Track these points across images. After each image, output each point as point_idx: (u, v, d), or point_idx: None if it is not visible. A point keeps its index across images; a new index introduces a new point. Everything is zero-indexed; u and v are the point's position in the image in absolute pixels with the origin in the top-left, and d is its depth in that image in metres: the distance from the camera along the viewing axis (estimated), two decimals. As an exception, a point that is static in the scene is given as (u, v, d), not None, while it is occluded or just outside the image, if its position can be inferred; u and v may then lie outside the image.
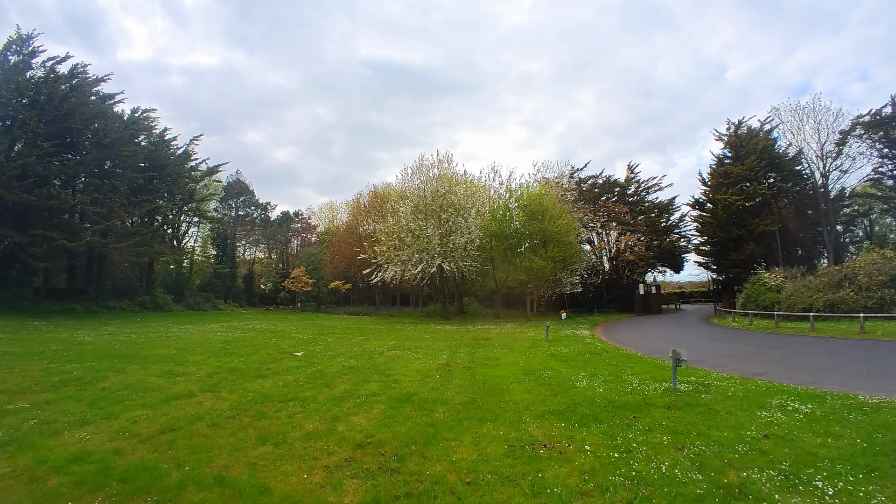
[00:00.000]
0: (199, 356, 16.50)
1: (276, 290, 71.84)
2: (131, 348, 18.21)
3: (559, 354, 17.93)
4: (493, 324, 36.68)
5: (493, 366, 15.02)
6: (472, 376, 13.08)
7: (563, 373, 13.75)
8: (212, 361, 15.33)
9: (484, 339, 24.19)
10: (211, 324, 33.18)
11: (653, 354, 18.28)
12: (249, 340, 21.95)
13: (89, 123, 37.01)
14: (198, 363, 14.96)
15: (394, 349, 19.25)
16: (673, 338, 26.93)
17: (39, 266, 34.05)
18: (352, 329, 31.26)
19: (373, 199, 61.26)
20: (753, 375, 13.21)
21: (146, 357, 15.98)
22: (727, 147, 50.26)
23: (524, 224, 38.37)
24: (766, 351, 19.54)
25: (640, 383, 12.01)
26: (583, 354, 18.01)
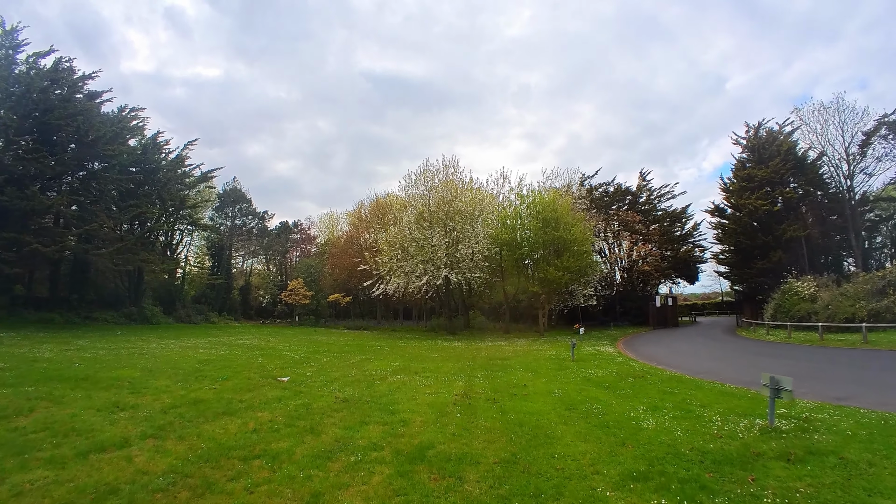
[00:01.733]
0: (164, 380, 13.66)
1: (274, 302, 68.85)
2: (90, 368, 15.41)
3: (596, 379, 15.15)
4: (504, 340, 33.79)
5: (524, 397, 12.19)
6: (501, 413, 10.23)
7: (614, 406, 11.04)
8: (176, 389, 12.48)
9: (500, 358, 21.28)
10: (197, 338, 30.26)
11: (704, 376, 15.92)
12: (232, 360, 19.05)
13: (70, 120, 34.17)
14: (158, 391, 12.12)
15: (398, 372, 16.34)
16: (709, 354, 24.61)
17: (11, 272, 31.10)
18: (350, 346, 28.24)
19: (374, 208, 58.67)
20: (838, 401, 11.07)
21: (100, 381, 13.19)
22: (745, 151, 47.80)
23: (537, 232, 35.49)
24: (828, 368, 17.68)
25: (722, 420, 9.48)
26: (624, 378, 15.25)
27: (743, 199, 43.41)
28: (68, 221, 35.83)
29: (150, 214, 41.47)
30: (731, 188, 46.74)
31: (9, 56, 34.74)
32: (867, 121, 40.30)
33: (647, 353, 24.42)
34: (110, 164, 37.74)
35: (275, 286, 72.59)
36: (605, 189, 57.24)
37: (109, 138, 36.45)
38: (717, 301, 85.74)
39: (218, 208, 69.54)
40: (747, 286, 47.52)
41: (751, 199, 42.35)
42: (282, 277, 76.11)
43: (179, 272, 59.27)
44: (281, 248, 78.18)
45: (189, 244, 64.11)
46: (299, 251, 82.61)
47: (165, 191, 45.14)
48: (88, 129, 34.64)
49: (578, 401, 11.67)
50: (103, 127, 36.34)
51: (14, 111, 31.90)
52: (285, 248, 79.16)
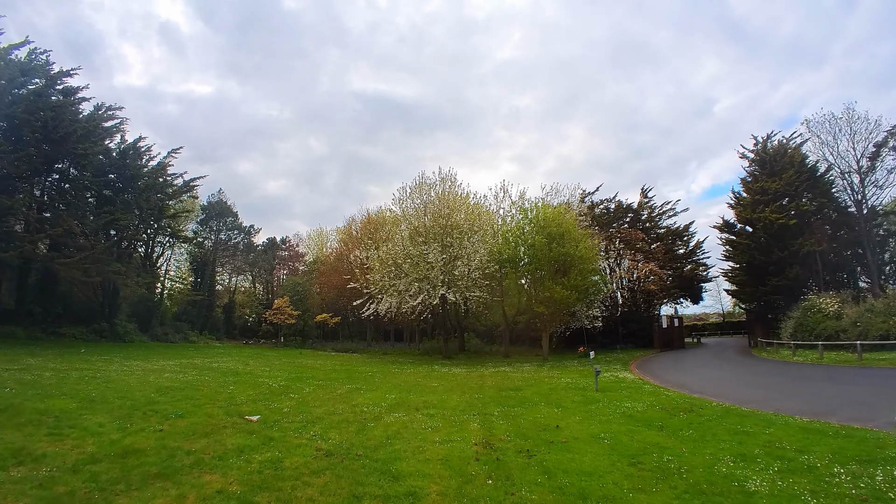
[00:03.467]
0: (101, 416, 10.86)
1: (259, 322, 65.58)
2: (20, 395, 12.69)
3: (639, 415, 12.54)
4: (506, 365, 30.87)
5: (564, 446, 9.43)
6: (546, 476, 7.46)
7: (687, 456, 8.61)
8: (110, 430, 9.68)
9: (511, 388, 18.41)
10: (168, 360, 27.23)
11: (760, 406, 13.76)
12: (198, 388, 16.09)
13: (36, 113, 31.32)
14: (85, 432, 9.38)
15: (396, 408, 13.43)
16: (744, 379, 22.25)
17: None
18: (338, 372, 25.08)
19: (366, 224, 55.91)
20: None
21: (23, 412, 10.65)
22: (753, 164, 45.71)
23: (542, 248, 32.70)
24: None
25: (846, 472, 7.26)
26: (672, 413, 12.72)
27: (756, 213, 41.14)
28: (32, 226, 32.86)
29: (125, 223, 38.22)
30: (744, 202, 44.45)
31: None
32: (879, 132, 38.38)
33: (672, 379, 21.70)
34: (81, 164, 34.84)
35: (260, 305, 69.32)
36: (607, 206, 54.83)
37: (80, 136, 33.51)
38: (718, 322, 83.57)
39: (202, 221, 66.25)
40: (759, 305, 45.05)
41: (765, 213, 40.07)
42: (268, 296, 72.90)
43: (158, 287, 55.97)
44: (267, 265, 74.84)
45: (170, 258, 60.94)
46: (287, 269, 79.26)
47: (143, 199, 42.15)
48: (57, 124, 31.70)
49: (637, 450, 9.06)
50: (74, 123, 33.40)
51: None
52: (272, 265, 75.84)
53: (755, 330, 45.21)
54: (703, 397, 15.89)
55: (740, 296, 50.55)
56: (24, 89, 32.92)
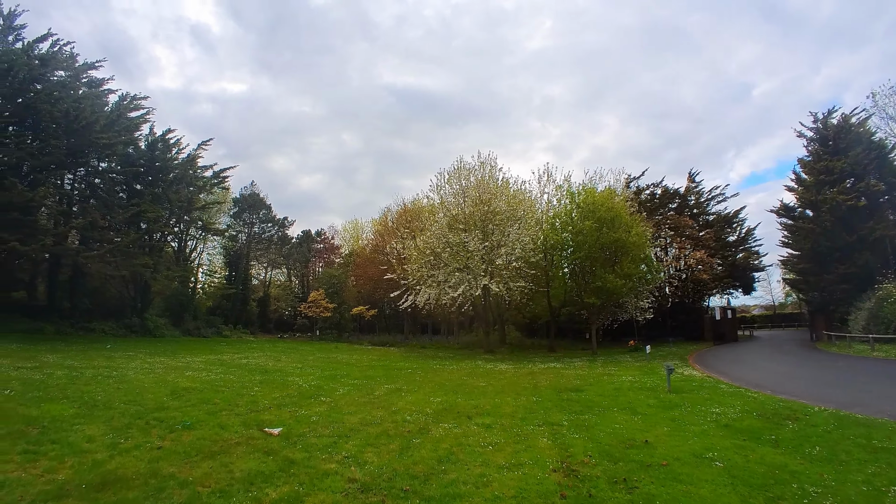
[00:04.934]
0: (96, 426, 9.25)
1: (294, 315, 64.23)
2: (17, 398, 11.32)
3: (737, 424, 10.55)
4: (554, 360, 28.59)
5: (666, 472, 7.32)
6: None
7: (834, 487, 6.74)
8: (99, 446, 7.99)
9: (570, 389, 16.15)
10: (195, 356, 25.71)
11: (871, 412, 11.66)
12: (218, 389, 14.31)
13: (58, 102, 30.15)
14: (69, 448, 7.79)
15: (444, 416, 11.36)
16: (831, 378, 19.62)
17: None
18: (375, 368, 23.17)
19: (401, 214, 53.95)
20: None
21: (10, 419, 9.43)
22: (812, 143, 42.55)
23: (592, 234, 30.26)
24: None
25: None
26: (776, 423, 10.72)
27: (821, 195, 37.93)
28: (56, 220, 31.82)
29: (153, 215, 36.91)
30: (805, 184, 41.20)
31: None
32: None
33: (743, 377, 19.22)
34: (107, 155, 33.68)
35: (295, 298, 67.98)
36: (653, 191, 51.87)
37: (104, 126, 32.26)
38: (768, 314, 79.85)
39: (235, 215, 65.17)
40: (821, 295, 41.73)
41: (831, 195, 36.90)
42: (303, 289, 71.57)
43: (192, 281, 54.98)
44: (302, 258, 73.49)
45: (202, 251, 59.99)
46: (322, 262, 77.71)
47: (173, 191, 40.94)
48: (79, 114, 30.45)
49: (763, 477, 7.08)
50: (96, 113, 32.16)
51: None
52: (307, 258, 74.39)
53: (816, 322, 42.22)
54: (796, 400, 13.57)
55: (800, 285, 47.23)
56: (46, 81, 31.87)
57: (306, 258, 73.57)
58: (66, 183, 36.47)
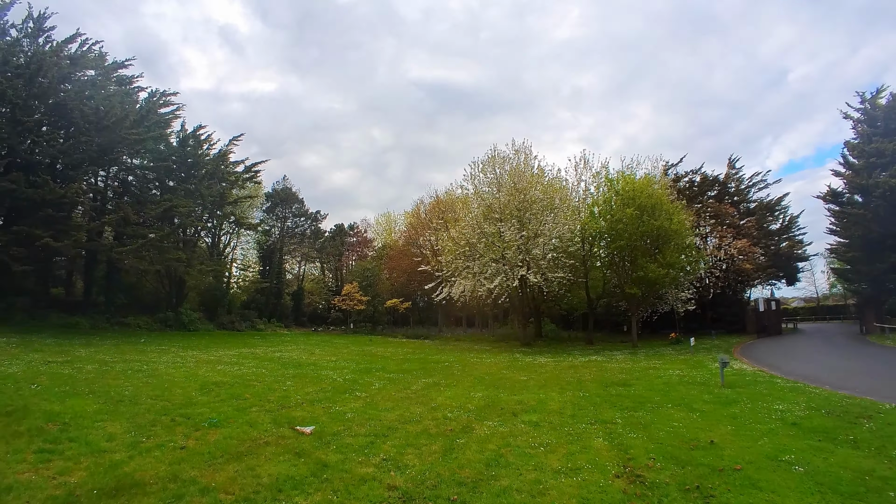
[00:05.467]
0: (119, 424, 8.78)
1: (328, 308, 64.15)
2: (43, 393, 10.88)
3: (806, 423, 9.66)
4: (594, 352, 27.55)
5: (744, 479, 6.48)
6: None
7: None
8: (119, 446, 7.43)
9: (617, 384, 15.16)
10: (228, 349, 25.40)
11: None
12: (249, 384, 13.76)
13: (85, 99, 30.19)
14: (86, 450, 7.24)
15: (487, 412, 10.64)
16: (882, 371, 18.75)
17: (18, 270, 26.97)
18: (411, 362, 22.51)
19: (434, 206, 53.15)
20: None
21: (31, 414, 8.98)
22: (860, 124, 40.35)
23: (633, 222, 29.10)
24: None
25: None
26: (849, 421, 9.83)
27: (872, 179, 36.04)
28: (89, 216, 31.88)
29: (184, 209, 36.79)
30: (855, 167, 39.23)
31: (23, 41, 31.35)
32: None
33: (798, 371, 18.00)
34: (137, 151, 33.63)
35: (329, 291, 67.85)
36: (691, 178, 50.13)
37: (133, 121, 32.17)
38: (811, 306, 77.07)
39: (268, 209, 65.27)
40: (872, 285, 39.77)
41: (883, 178, 34.98)
42: (337, 282, 71.44)
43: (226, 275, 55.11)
44: (335, 252, 73.34)
45: (235, 246, 60.13)
46: (356, 255, 77.42)
47: (205, 186, 40.84)
48: (108, 110, 30.38)
49: (852, 483, 6.35)
50: (126, 108, 32.09)
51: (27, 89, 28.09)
52: (340, 251, 74.19)
53: (867, 314, 40.32)
54: (864, 397, 12.45)
55: (849, 275, 45.20)
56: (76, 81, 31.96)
57: (339, 252, 73.32)
58: (99, 180, 36.69)
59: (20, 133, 27.61)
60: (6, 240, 27.11)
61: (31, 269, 27.81)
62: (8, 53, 28.67)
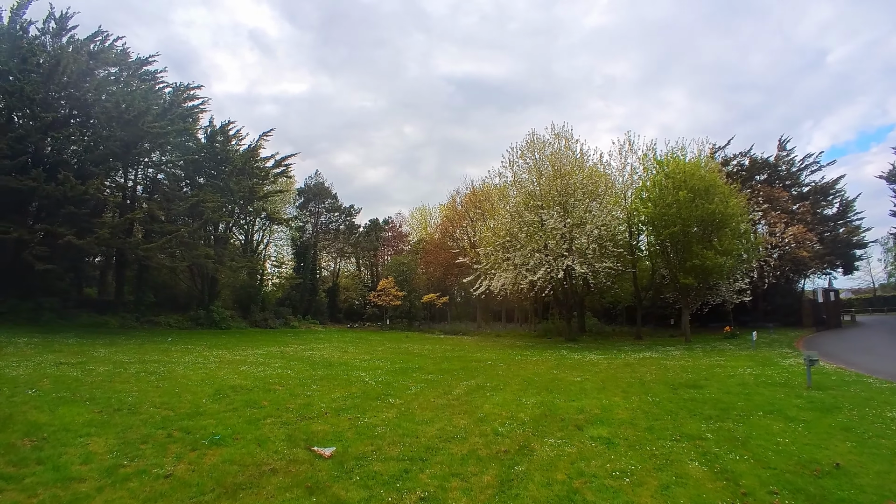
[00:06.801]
0: (106, 439, 7.42)
1: (364, 304, 63.05)
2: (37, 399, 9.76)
3: None
4: (646, 348, 25.33)
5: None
6: None
7: None
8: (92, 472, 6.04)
9: (686, 385, 13.14)
10: (257, 348, 24.13)
11: None
12: (270, 389, 12.24)
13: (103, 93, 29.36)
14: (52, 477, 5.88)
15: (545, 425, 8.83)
16: None
17: (41, 268, 26.14)
18: (451, 361, 20.66)
19: (470, 197, 51.33)
20: None
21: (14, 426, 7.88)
22: None
23: (686, 206, 26.87)
24: None
25: None
26: None
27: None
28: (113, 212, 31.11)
29: (212, 204, 35.71)
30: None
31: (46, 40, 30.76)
32: None
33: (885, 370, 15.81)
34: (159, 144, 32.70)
35: (364, 287, 66.74)
36: (740, 161, 47.34)
37: (156, 115, 31.21)
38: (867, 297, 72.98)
39: (301, 205, 64.57)
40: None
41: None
42: (372, 278, 70.35)
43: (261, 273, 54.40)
44: (370, 247, 72.18)
45: (269, 242, 59.31)
46: (391, 250, 76.13)
47: (234, 182, 39.84)
48: (129, 104, 29.43)
49: None
50: (147, 101, 31.13)
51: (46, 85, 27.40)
52: (375, 246, 73.01)
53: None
54: None
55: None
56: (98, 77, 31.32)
57: (374, 246, 72.23)
58: (128, 178, 36.14)
59: (40, 129, 26.85)
60: (30, 238, 26.41)
61: (53, 267, 26.91)
62: (27, 52, 27.92)
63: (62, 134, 27.78)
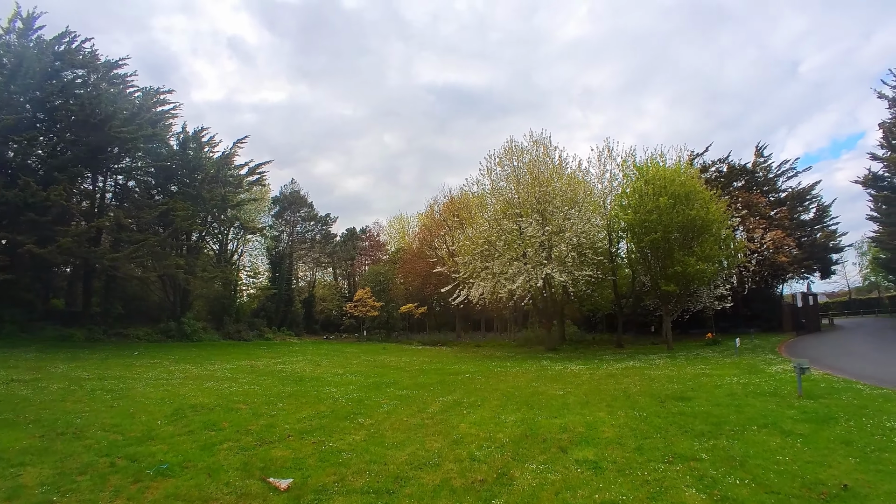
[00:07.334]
0: (40, 470, 6.67)
1: (341, 315, 61.90)
2: None
3: None
4: (628, 358, 24.73)
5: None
6: None
7: None
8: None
9: (673, 397, 12.54)
10: (227, 362, 23.19)
11: None
12: (232, 408, 11.45)
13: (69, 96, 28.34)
14: None
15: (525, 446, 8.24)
16: None
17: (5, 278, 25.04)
18: (428, 374, 19.85)
19: (448, 205, 50.73)
20: None
21: None
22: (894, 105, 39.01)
23: (667, 212, 26.52)
24: None
25: None
26: None
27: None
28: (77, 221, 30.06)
29: (182, 213, 34.61)
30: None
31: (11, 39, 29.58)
32: None
33: (875, 374, 15.44)
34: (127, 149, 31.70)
35: (342, 298, 65.56)
36: (719, 168, 47.49)
37: (124, 120, 30.18)
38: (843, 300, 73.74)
39: (276, 214, 63.39)
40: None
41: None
42: (350, 288, 69.26)
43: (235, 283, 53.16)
44: (347, 256, 71.06)
45: (244, 252, 58.06)
46: (369, 259, 75.00)
47: (206, 190, 38.77)
48: (95, 107, 28.42)
49: None
50: (114, 104, 30.12)
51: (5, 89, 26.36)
52: (352, 256, 71.93)
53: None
54: None
55: (892, 265, 42.64)
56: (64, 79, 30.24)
57: (351, 256, 71.29)
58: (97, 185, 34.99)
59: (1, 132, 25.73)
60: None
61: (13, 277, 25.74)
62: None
63: (25, 138, 26.68)
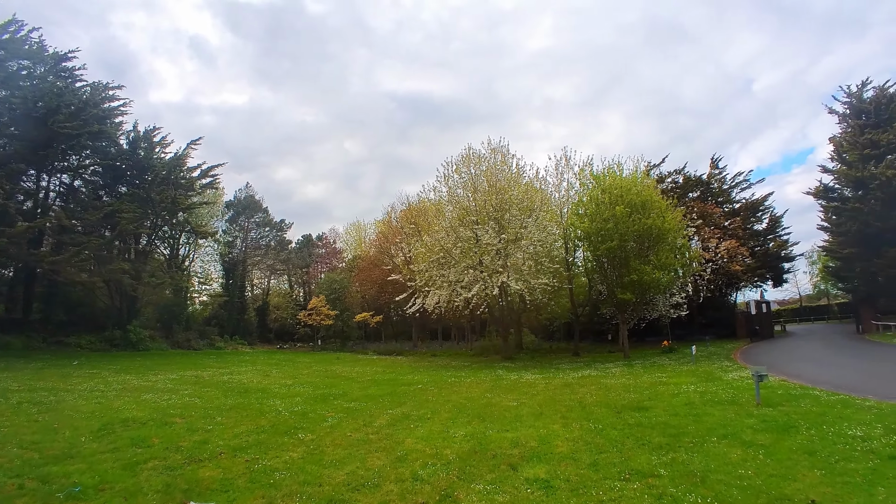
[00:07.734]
0: None
1: (295, 324, 60.59)
2: None
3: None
4: (585, 366, 24.49)
5: None
6: None
7: None
8: None
9: (630, 407, 12.22)
10: (170, 373, 22.05)
11: None
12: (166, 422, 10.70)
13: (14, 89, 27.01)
14: None
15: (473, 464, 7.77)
16: None
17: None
18: (379, 384, 19.32)
19: (406, 213, 50.19)
20: None
21: None
22: (846, 120, 40.37)
23: (623, 221, 26.57)
24: None
25: None
26: None
27: (867, 172, 34.91)
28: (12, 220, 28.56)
29: (128, 215, 33.20)
30: (848, 161, 37.98)
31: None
32: None
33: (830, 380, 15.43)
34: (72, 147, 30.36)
35: (296, 306, 64.11)
36: (675, 179, 48.30)
37: (68, 115, 28.84)
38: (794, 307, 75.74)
39: (230, 220, 61.71)
40: (869, 281, 38.75)
41: (879, 170, 33.88)
42: (305, 297, 67.86)
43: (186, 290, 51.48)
44: (302, 263, 69.61)
45: (196, 258, 56.31)
46: (325, 267, 73.72)
47: (156, 192, 37.32)
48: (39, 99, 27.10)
49: None
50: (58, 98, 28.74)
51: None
52: (307, 263, 70.51)
53: (864, 312, 38.88)
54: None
55: (842, 273, 43.90)
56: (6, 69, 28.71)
57: (307, 263, 69.85)
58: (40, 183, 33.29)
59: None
60: None
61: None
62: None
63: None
